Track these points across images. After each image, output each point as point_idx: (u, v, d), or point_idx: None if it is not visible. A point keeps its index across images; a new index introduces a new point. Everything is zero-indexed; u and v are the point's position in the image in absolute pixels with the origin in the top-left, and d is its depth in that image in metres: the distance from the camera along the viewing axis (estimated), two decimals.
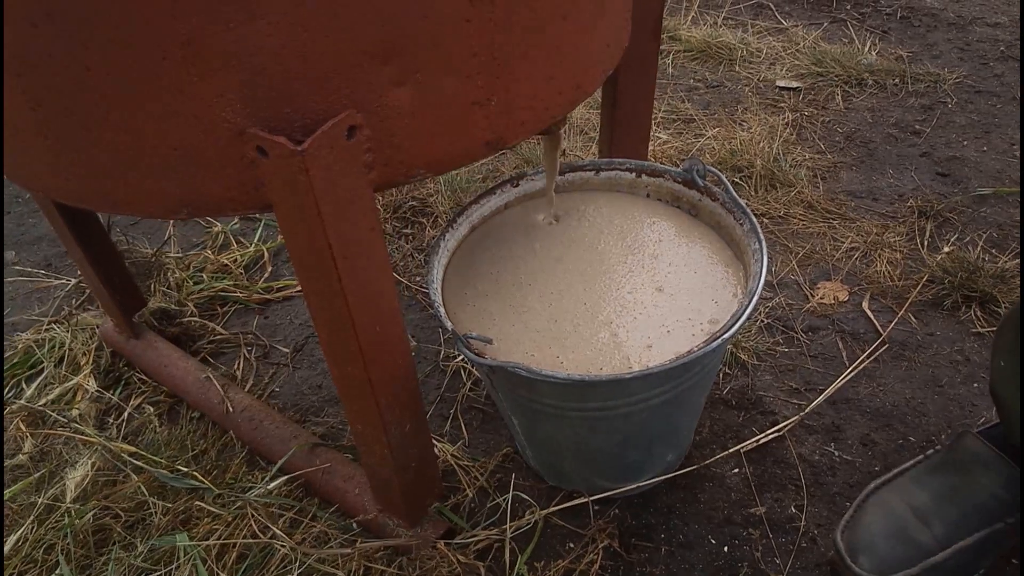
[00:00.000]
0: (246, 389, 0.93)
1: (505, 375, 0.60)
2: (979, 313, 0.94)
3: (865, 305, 0.97)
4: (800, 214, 1.12)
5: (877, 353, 0.91)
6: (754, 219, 0.66)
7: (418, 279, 1.10)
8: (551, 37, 0.54)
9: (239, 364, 0.97)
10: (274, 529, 0.65)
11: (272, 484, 0.71)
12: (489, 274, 0.69)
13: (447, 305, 0.66)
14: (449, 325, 0.60)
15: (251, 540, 0.64)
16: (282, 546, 0.62)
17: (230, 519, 0.68)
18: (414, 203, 1.25)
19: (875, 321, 0.95)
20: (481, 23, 0.49)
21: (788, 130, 1.31)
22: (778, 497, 0.76)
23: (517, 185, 0.76)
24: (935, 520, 0.65)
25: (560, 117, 0.60)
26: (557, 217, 0.75)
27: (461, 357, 0.94)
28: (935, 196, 1.15)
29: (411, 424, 0.64)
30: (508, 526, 0.72)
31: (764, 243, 0.64)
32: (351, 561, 0.63)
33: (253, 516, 0.67)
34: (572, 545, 0.72)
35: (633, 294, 0.65)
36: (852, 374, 0.88)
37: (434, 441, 0.82)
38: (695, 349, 0.57)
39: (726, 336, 0.57)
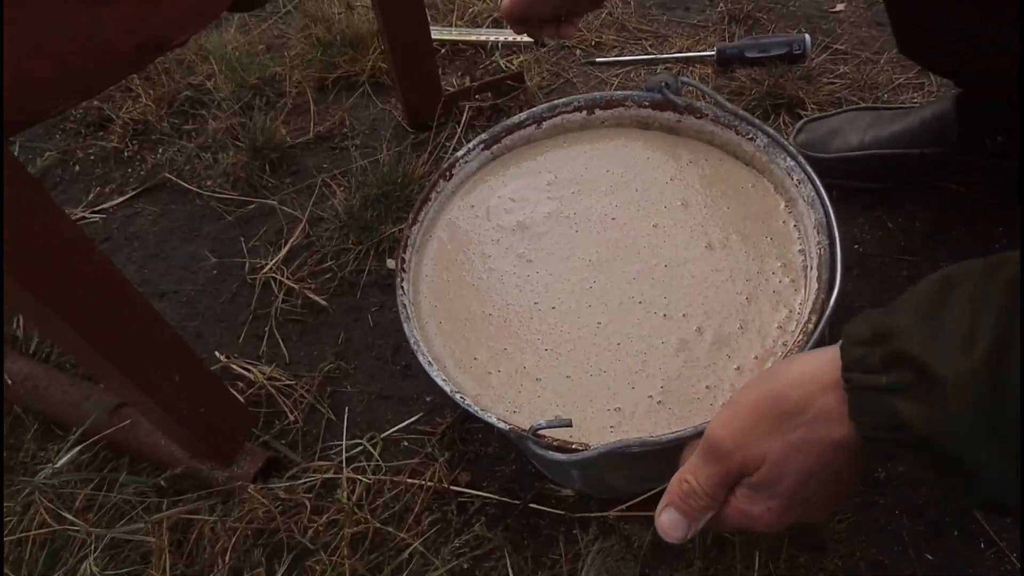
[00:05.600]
0: (30, 351, 0.82)
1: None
2: (787, 119, 0.94)
3: None
4: (614, 39, 1.04)
5: None
6: (772, 131, 0.58)
7: (208, 183, 0.96)
8: None
9: (18, 323, 0.84)
10: (65, 515, 0.60)
11: (62, 460, 0.64)
12: (478, 311, 0.56)
13: (444, 368, 0.52)
14: (505, 427, 0.45)
15: (38, 532, 0.59)
16: (75, 531, 0.58)
17: (19, 510, 0.62)
18: (188, 92, 1.06)
19: None
20: None
21: None
22: None
23: (450, 178, 0.63)
24: (871, 131, 0.78)
25: None
26: (513, 201, 0.62)
27: (270, 267, 0.86)
28: None
29: (180, 373, 0.58)
30: (343, 460, 0.68)
31: (803, 160, 0.56)
32: (158, 525, 0.60)
33: (42, 503, 0.61)
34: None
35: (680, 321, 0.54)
36: None
37: (248, 366, 0.77)
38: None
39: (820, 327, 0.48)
